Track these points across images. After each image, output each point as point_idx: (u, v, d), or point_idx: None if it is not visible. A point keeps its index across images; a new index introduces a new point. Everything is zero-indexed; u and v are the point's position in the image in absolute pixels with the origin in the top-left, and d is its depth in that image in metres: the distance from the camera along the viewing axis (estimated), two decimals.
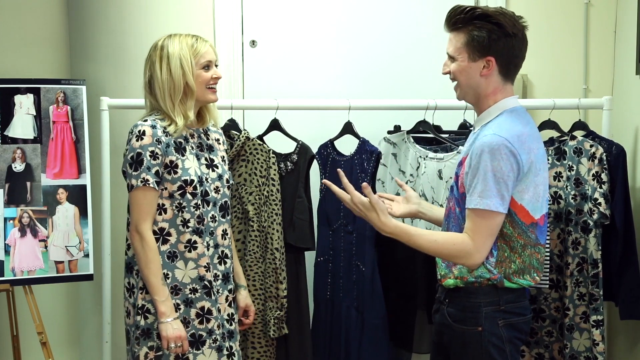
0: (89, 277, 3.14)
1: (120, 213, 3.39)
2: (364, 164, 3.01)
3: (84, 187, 3.14)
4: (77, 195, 3.12)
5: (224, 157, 2.70)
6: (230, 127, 3.08)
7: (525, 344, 3.03)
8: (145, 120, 2.50)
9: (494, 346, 2.24)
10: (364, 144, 3.04)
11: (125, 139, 3.46)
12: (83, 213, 3.12)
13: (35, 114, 3.09)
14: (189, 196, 2.50)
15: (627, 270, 2.95)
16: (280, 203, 3.00)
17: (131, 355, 2.57)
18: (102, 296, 3.25)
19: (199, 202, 2.53)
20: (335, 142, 3.13)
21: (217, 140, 2.71)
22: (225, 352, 2.59)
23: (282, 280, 2.97)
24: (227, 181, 2.65)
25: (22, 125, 3.08)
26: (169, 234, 2.51)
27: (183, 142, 2.55)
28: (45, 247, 3.06)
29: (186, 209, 2.51)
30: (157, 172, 2.46)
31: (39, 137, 3.09)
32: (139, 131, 2.47)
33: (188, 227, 2.52)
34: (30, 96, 3.09)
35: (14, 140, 3.07)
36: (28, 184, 3.07)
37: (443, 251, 2.25)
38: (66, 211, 3.10)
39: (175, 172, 2.49)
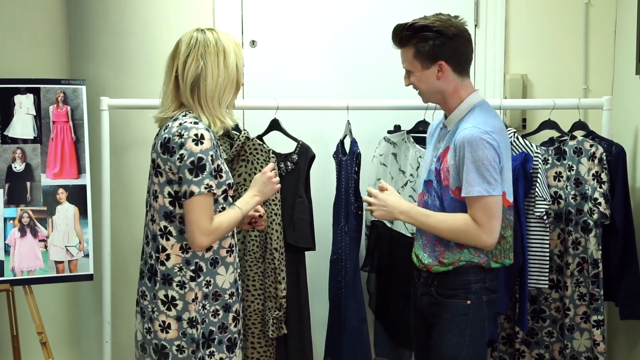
0: (89, 277, 3.14)
1: (120, 213, 3.41)
2: (353, 164, 3.04)
3: (83, 187, 3.13)
4: (77, 195, 3.12)
5: None
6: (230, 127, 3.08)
7: (526, 345, 3.03)
8: (195, 123, 2.27)
9: (478, 320, 2.44)
10: (351, 145, 3.07)
11: (124, 139, 3.50)
12: (83, 213, 3.12)
13: (35, 114, 3.09)
14: (230, 200, 2.38)
15: (627, 270, 2.95)
16: (279, 203, 3.00)
17: None
18: (102, 296, 3.25)
19: None
20: (344, 141, 3.16)
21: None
22: None
23: (281, 281, 2.97)
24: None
25: (22, 125, 3.07)
26: None
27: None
28: (45, 247, 3.06)
29: None
30: (215, 177, 2.29)
31: (39, 137, 3.09)
32: (196, 135, 2.24)
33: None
34: (30, 96, 3.09)
35: (14, 140, 3.06)
36: (28, 184, 3.06)
37: (454, 231, 2.39)
38: (66, 211, 3.09)
39: (221, 177, 2.32)
